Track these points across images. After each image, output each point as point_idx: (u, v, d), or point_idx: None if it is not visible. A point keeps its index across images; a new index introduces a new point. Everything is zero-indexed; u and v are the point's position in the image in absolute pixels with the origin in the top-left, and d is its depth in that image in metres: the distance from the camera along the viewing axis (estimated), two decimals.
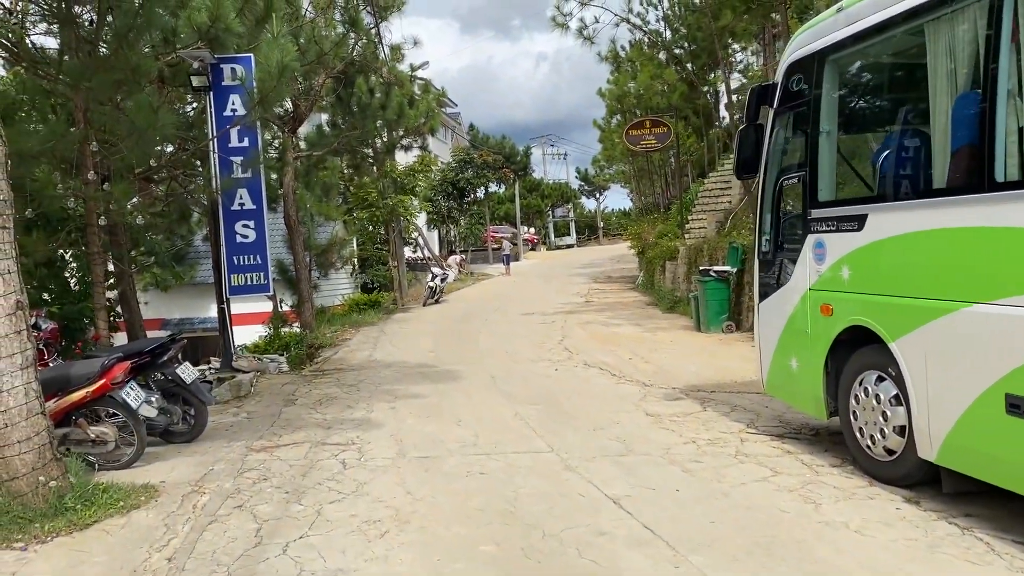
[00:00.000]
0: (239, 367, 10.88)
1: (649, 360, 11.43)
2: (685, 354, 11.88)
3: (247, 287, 11.09)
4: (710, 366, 10.68)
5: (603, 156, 39.62)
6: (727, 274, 14.18)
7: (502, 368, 11.36)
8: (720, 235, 18.20)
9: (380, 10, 18.09)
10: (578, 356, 12.17)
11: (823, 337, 6.02)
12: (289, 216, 16.82)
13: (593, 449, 6.71)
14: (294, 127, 16.97)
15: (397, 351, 13.96)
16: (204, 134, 11.13)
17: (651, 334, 14.51)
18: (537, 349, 13.26)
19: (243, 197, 11.03)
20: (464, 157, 39.78)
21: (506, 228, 56.46)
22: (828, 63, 6.01)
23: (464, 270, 35.17)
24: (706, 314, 14.27)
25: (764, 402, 8.34)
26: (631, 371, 10.56)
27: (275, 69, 9.72)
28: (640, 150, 24.39)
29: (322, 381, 10.75)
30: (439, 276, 25.17)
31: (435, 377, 10.75)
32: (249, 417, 8.55)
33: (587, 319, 17.58)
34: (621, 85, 31.30)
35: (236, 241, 11.05)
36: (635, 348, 12.66)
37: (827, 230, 5.94)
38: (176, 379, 7.18)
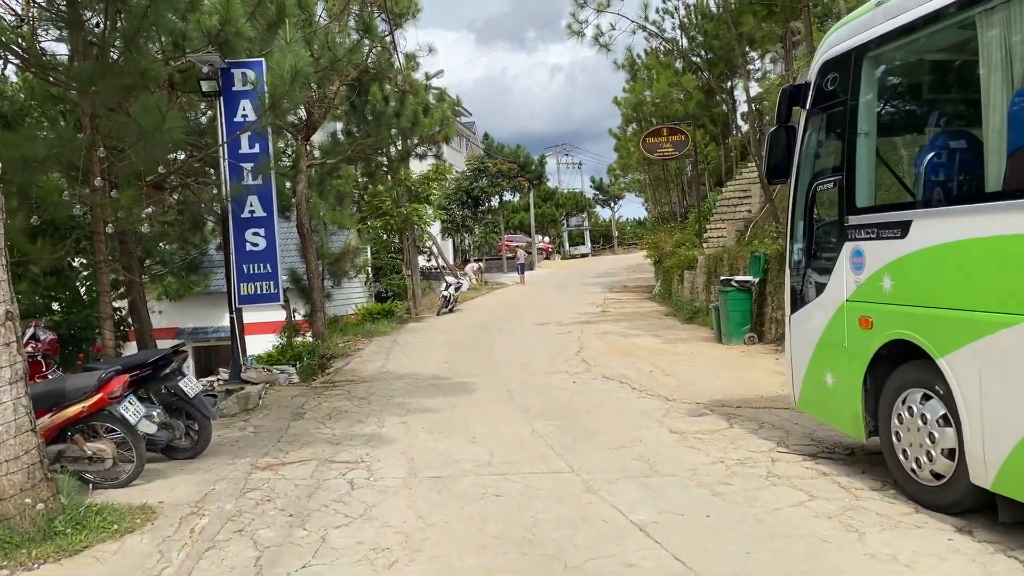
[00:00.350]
0: (248, 378, 10.59)
1: (670, 373, 11.05)
2: (707, 367, 11.48)
3: (257, 296, 10.81)
4: (734, 380, 10.29)
5: (618, 165, 39.26)
6: (749, 284, 13.78)
7: (518, 380, 11.01)
8: (740, 244, 17.80)
9: (395, 17, 17.86)
10: (596, 368, 11.81)
11: (862, 352, 5.64)
12: (302, 224, 16.58)
13: (615, 469, 6.34)
14: (307, 135, 16.74)
15: (410, 362, 13.64)
16: (215, 141, 10.89)
17: (671, 345, 14.12)
18: (553, 361, 12.90)
19: (253, 204, 10.76)
20: (478, 166, 39.55)
21: (520, 237, 56.18)
22: (866, 60, 5.64)
23: (480, 278, 34.86)
24: (727, 325, 13.88)
25: (793, 419, 7.95)
26: (652, 384, 10.18)
27: (287, 74, 9.44)
28: (657, 158, 24.03)
29: (332, 393, 10.44)
30: (453, 285, 24.87)
31: (449, 390, 10.41)
32: (256, 432, 8.24)
33: (604, 329, 17.21)
34: (637, 93, 30.98)
35: (246, 249, 10.78)
36: (655, 360, 12.28)
37: (866, 237, 5.57)
38: (179, 393, 6.89)
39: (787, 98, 6.55)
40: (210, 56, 10.14)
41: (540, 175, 49.08)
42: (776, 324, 13.40)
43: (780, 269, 13.13)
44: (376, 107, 18.89)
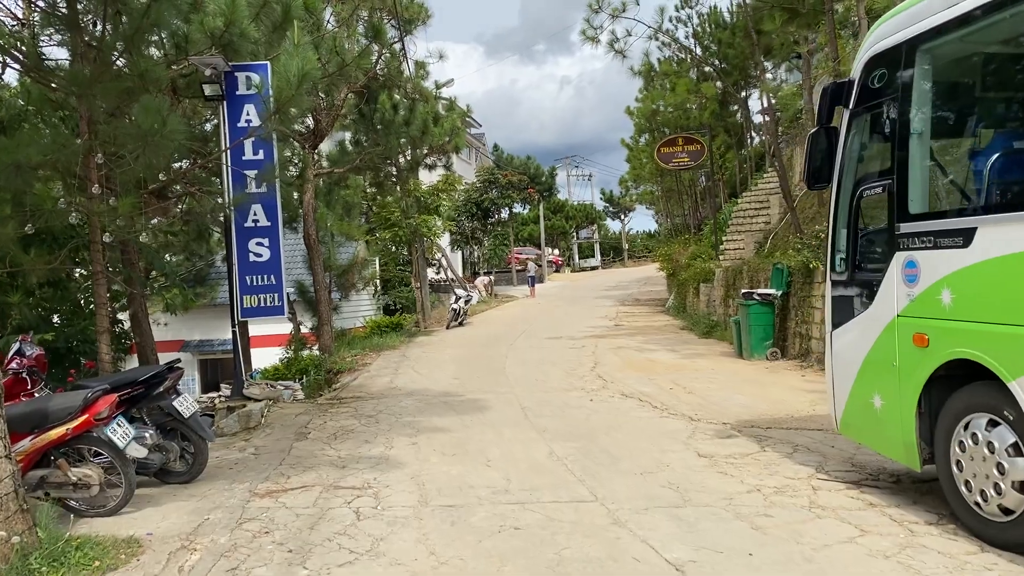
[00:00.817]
0: (251, 395, 10.13)
1: (692, 390, 10.54)
2: (730, 384, 10.97)
3: (260, 309, 10.37)
4: (760, 398, 9.77)
5: (630, 176, 38.80)
6: (771, 297, 13.27)
7: (532, 398, 10.52)
8: (759, 256, 17.30)
9: (404, 23, 17.51)
10: (614, 385, 11.30)
11: (916, 372, 5.14)
12: (309, 235, 16.17)
13: (643, 497, 5.84)
14: (315, 143, 16.37)
15: (419, 377, 13.16)
16: (220, 148, 10.49)
17: (689, 361, 13.61)
18: (569, 377, 12.41)
19: (257, 214, 10.33)
20: (488, 177, 39.18)
21: (530, 249, 55.75)
22: (920, 53, 5.17)
23: (490, 291, 34.40)
24: (749, 340, 13.36)
25: (828, 441, 7.44)
26: (674, 403, 9.68)
27: (294, 78, 9.03)
28: (673, 168, 23.57)
29: (338, 411, 9.97)
30: (463, 298, 24.41)
31: (460, 408, 9.92)
32: (256, 453, 7.76)
33: (619, 344, 16.71)
34: (650, 103, 30.57)
35: (249, 260, 10.34)
36: (675, 377, 11.77)
37: (921, 247, 5.08)
38: (173, 412, 6.42)
39: (829, 97, 6.07)
40: (213, 58, 9.75)
41: (550, 187, 48.68)
42: (800, 339, 12.89)
43: (804, 282, 12.65)
44: (385, 115, 18.52)
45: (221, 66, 9.98)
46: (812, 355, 12.30)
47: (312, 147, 16.31)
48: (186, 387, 25.77)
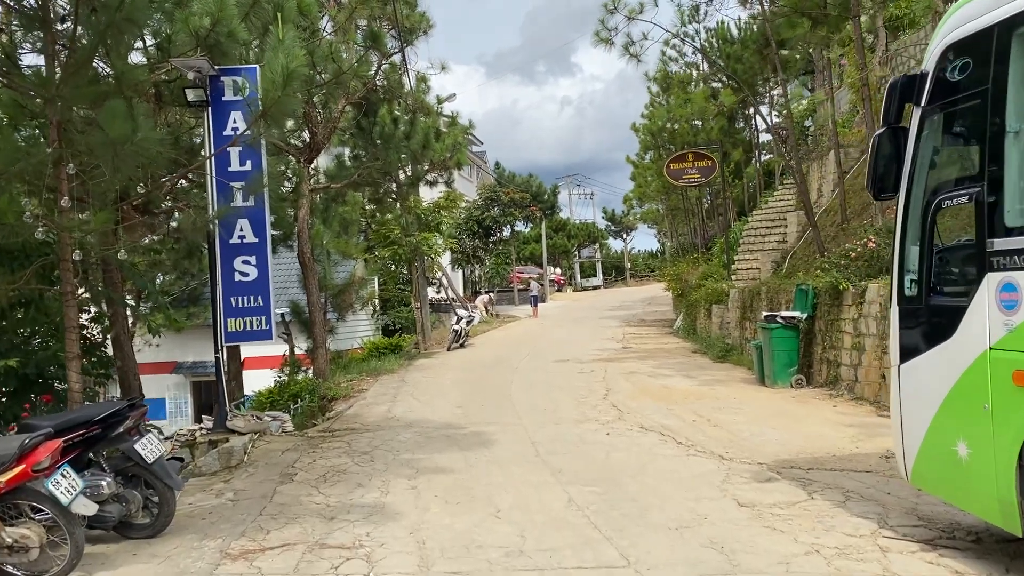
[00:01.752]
0: (235, 428, 9.23)
1: (717, 423, 9.65)
2: (758, 416, 10.08)
3: (246, 333, 9.50)
4: (795, 433, 8.87)
5: (635, 194, 38.02)
6: (796, 320, 12.40)
7: (543, 430, 9.63)
8: (778, 276, 16.46)
9: (405, 33, 16.77)
10: (630, 416, 10.41)
11: (1016, 416, 4.27)
12: (303, 253, 15.34)
13: (684, 562, 4.95)
14: (310, 157, 15.57)
15: (419, 406, 12.27)
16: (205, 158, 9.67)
17: (708, 388, 12.72)
18: (580, 406, 11.52)
19: (243, 229, 9.49)
20: (490, 194, 38.44)
21: (532, 268, 54.91)
22: (1017, 38, 4.35)
23: (491, 311, 33.53)
24: (772, 366, 12.48)
25: (882, 486, 6.57)
26: (699, 438, 8.78)
27: (280, 77, 8.22)
28: (683, 185, 22.79)
29: (330, 446, 9.06)
30: (464, 319, 23.54)
31: (464, 442, 9.03)
32: (235, 499, 6.86)
33: (630, 368, 15.82)
34: (657, 120, 29.84)
35: (234, 280, 9.48)
36: (695, 407, 10.89)
37: (1023, 267, 4.23)
38: (135, 457, 5.54)
39: (897, 93, 5.23)
40: (197, 61, 8.95)
41: (553, 205, 47.97)
42: (827, 366, 12.01)
43: (832, 304, 11.79)
44: (385, 129, 17.73)
45: (206, 69, 9.18)
46: (842, 383, 11.43)
47: (308, 161, 15.51)
48: (179, 411, 24.84)
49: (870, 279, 11.05)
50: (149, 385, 28.04)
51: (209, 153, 9.18)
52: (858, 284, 11.07)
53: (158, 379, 28.08)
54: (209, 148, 9.33)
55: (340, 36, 13.62)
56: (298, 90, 8.53)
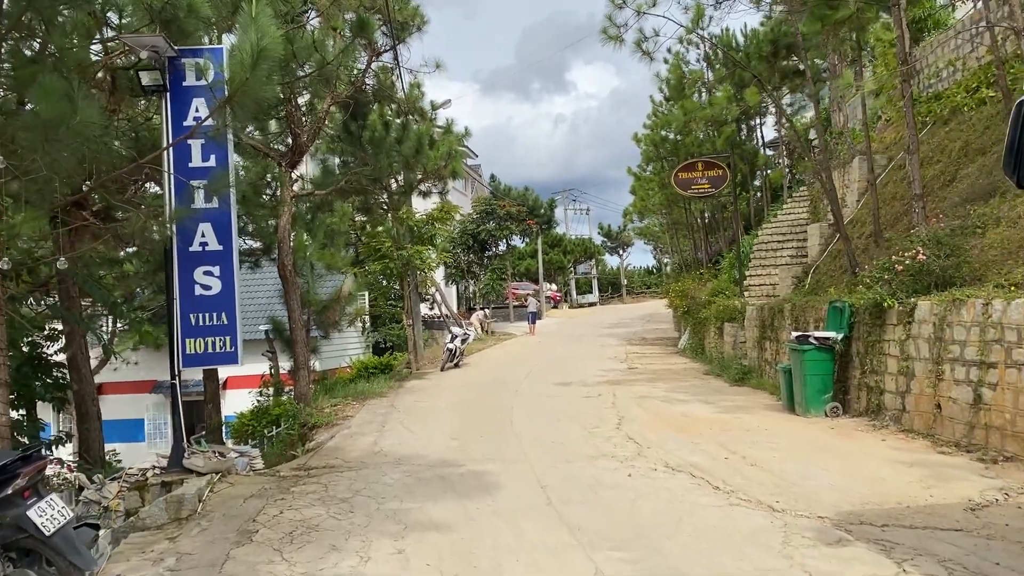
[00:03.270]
0: (193, 467, 7.88)
1: (754, 461, 8.33)
2: (799, 452, 8.76)
3: (208, 356, 8.17)
4: (850, 475, 7.55)
5: (635, 208, 36.79)
6: (831, 342, 11.12)
7: (553, 470, 8.29)
8: (800, 292, 15.20)
9: (397, 28, 15.53)
10: (651, 451, 9.09)
11: None
12: (284, 265, 14.00)
13: None
14: (293, 161, 14.27)
15: (410, 437, 10.91)
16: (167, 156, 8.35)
17: (732, 417, 11.40)
18: (592, 437, 10.20)
19: (205, 235, 8.19)
20: (486, 207, 37.19)
21: (527, 284, 53.61)
22: None
23: (486, 328, 32.19)
24: (803, 392, 11.18)
25: (984, 552, 5.30)
26: (738, 481, 7.47)
27: (248, 56, 6.95)
28: (692, 195, 21.55)
29: (304, 490, 7.69)
30: (459, 336, 22.18)
31: (462, 486, 7.68)
32: (175, 570, 5.49)
33: (640, 392, 14.51)
34: (658, 130, 28.66)
35: (195, 294, 8.17)
36: (723, 439, 9.57)
37: None
38: (28, 527, 4.19)
39: None
40: (151, 38, 7.69)
41: (549, 219, 46.71)
42: (867, 392, 10.71)
43: (874, 324, 10.50)
44: (375, 133, 16.47)
45: (163, 49, 7.91)
46: (886, 412, 10.13)
47: (290, 165, 14.21)
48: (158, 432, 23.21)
49: (919, 295, 9.80)
50: (127, 405, 26.71)
51: (166, 143, 7.88)
52: (906, 301, 9.80)
53: (136, 399, 26.64)
54: (167, 138, 8.05)
55: (325, 24, 12.35)
56: (271, 72, 7.25)
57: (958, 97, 13.89)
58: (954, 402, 8.74)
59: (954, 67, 15.53)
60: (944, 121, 14.07)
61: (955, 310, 8.80)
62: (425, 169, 19.04)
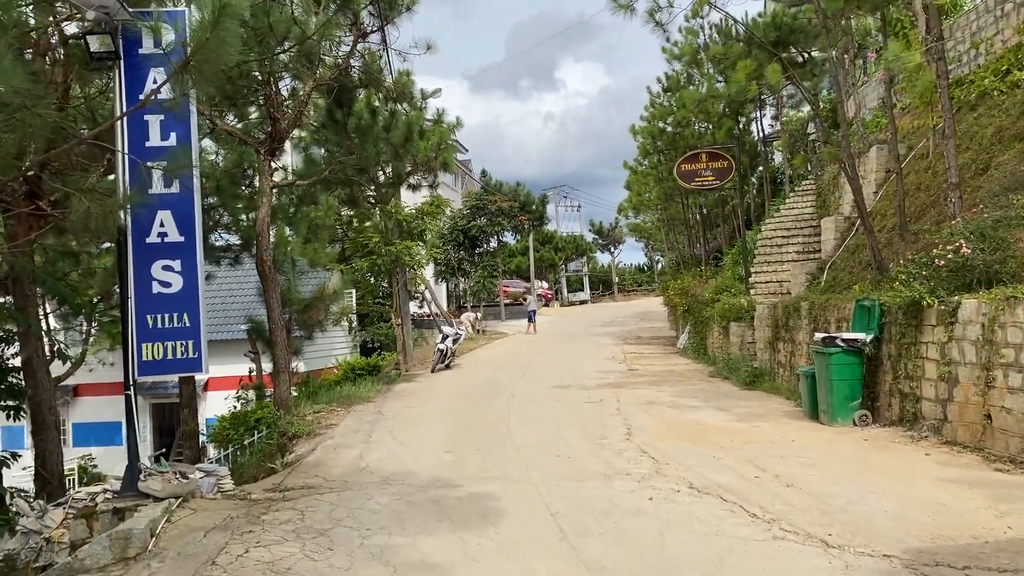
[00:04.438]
0: (149, 491, 6.84)
1: (789, 480, 7.36)
2: (836, 468, 7.81)
3: (167, 363, 7.13)
4: (903, 498, 6.59)
5: (630, 203, 35.80)
6: (860, 344, 10.18)
7: (561, 490, 7.30)
8: (814, 290, 14.26)
9: (385, 7, 14.48)
10: (670, 468, 8.12)
11: None
12: (262, 261, 12.96)
13: None
14: (272, 148, 13.21)
15: (399, 449, 9.89)
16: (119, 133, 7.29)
17: (750, 426, 10.45)
18: (601, 450, 9.22)
19: (165, 224, 7.15)
20: (477, 203, 36.16)
21: (518, 282, 52.64)
22: None
23: (479, 327, 31.17)
24: (830, 399, 10.24)
25: None
26: (778, 506, 6.50)
27: (209, 13, 5.92)
28: (695, 188, 20.60)
29: (276, 519, 6.65)
30: (450, 337, 21.16)
31: (460, 514, 6.67)
32: None
33: (645, 397, 13.54)
34: (655, 122, 27.73)
35: (152, 291, 7.13)
36: (748, 454, 8.61)
37: None
38: None
39: None
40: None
41: (541, 215, 45.67)
42: (901, 400, 9.77)
43: (910, 325, 9.54)
44: (362, 120, 15.43)
45: (114, 10, 6.87)
46: (923, 422, 9.18)
47: (269, 153, 13.16)
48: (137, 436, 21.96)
49: (961, 292, 8.87)
50: (104, 407, 25.50)
51: (119, 113, 6.83)
52: (948, 300, 8.86)
53: (114, 401, 25.36)
54: (120, 106, 6.99)
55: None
56: (236, 34, 6.22)
57: (986, 81, 12.98)
58: (1008, 413, 7.80)
59: (977, 50, 14.63)
60: (971, 107, 13.16)
61: (1009, 309, 7.85)
62: (415, 160, 18.01)
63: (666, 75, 27.18)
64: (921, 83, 12.24)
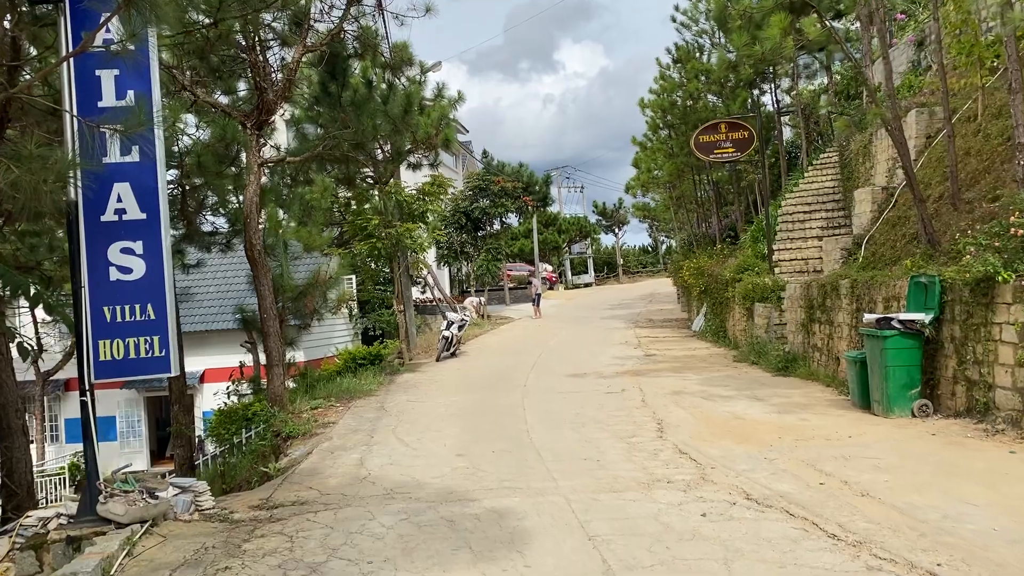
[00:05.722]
0: (110, 515, 5.75)
1: (864, 488, 6.26)
2: (916, 472, 6.70)
3: (129, 364, 6.03)
4: (1015, 512, 5.50)
5: (638, 181, 34.52)
6: (919, 325, 9.07)
7: (596, 506, 6.22)
8: (851, 266, 13.13)
9: None
10: (717, 472, 7.03)
11: None
12: (251, 245, 11.85)
13: None
14: (259, 121, 12.07)
15: (405, 453, 8.81)
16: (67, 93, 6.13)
17: (797, 419, 9.36)
18: (632, 451, 8.14)
19: (123, 199, 6.03)
20: (479, 183, 34.92)
21: (521, 265, 51.51)
22: None
23: (482, 313, 30.08)
24: (885, 387, 9.14)
25: None
26: (860, 523, 5.41)
27: None
28: (714, 160, 19.42)
29: (261, 548, 5.57)
30: (456, 323, 20.07)
31: (479, 538, 5.58)
32: None
33: (670, 385, 12.46)
34: (666, 96, 26.44)
35: (109, 279, 6.02)
36: (805, 454, 7.51)
37: None
38: None
39: None
40: None
41: (545, 196, 44.36)
42: (967, 387, 8.66)
43: (977, 303, 8.39)
44: (357, 92, 14.29)
45: None
46: (997, 413, 8.08)
47: (256, 127, 12.01)
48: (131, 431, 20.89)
49: None
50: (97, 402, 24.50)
51: (64, 54, 5.68)
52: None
53: (107, 395, 24.36)
54: (65, 47, 5.84)
55: None
56: None
57: None
58: None
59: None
60: None
61: None
62: (415, 137, 16.86)
63: (676, 45, 25.93)
64: (968, 37, 11.07)
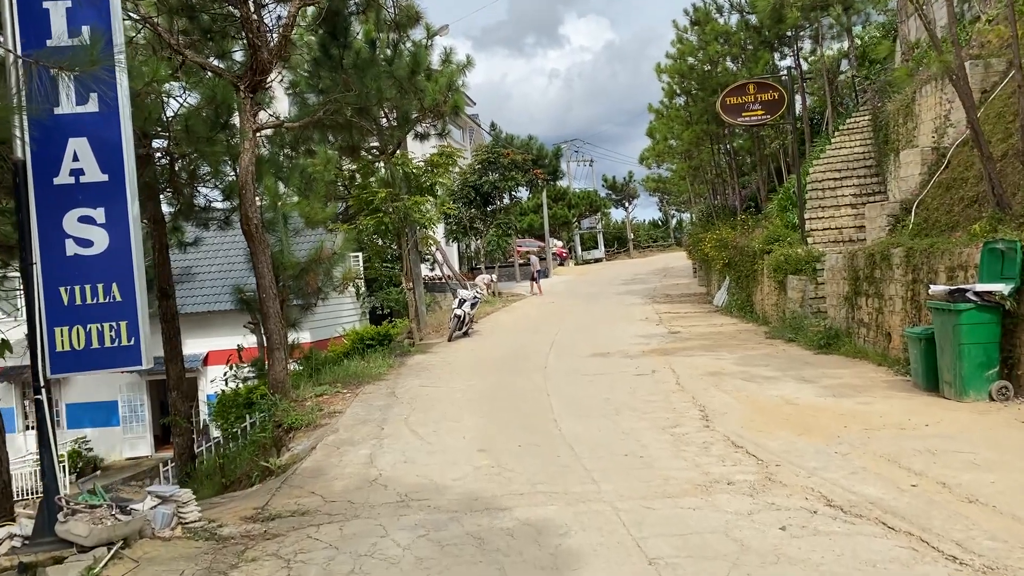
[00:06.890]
0: (71, 536, 4.79)
1: (969, 493, 5.26)
2: (1015, 468, 5.70)
3: (91, 354, 5.04)
4: None
5: (653, 151, 33.31)
6: (997, 297, 8.03)
7: (651, 517, 5.23)
8: (900, 233, 12.04)
9: None
10: (783, 471, 6.03)
11: None
12: (248, 218, 10.85)
13: None
14: (253, 83, 11.00)
15: (420, 448, 7.84)
16: None
17: (858, 404, 8.35)
18: (679, 444, 7.15)
19: (80, 157, 5.01)
20: (488, 156, 33.77)
21: (531, 241, 50.40)
22: None
23: (493, 290, 29.07)
24: (959, 367, 8.11)
25: None
26: (981, 541, 4.42)
27: None
28: (743, 124, 18.28)
29: (251, 575, 4.62)
30: (468, 301, 19.06)
31: (514, 563, 4.58)
32: None
33: (704, 366, 11.47)
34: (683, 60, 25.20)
35: (65, 253, 5.02)
36: (881, 448, 6.51)
37: None
38: None
39: None
40: None
41: (555, 169, 43.18)
42: None
43: None
44: (361, 53, 13.20)
45: None
46: None
47: (250, 89, 10.95)
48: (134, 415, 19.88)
49: None
50: (99, 386, 23.55)
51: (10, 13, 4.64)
52: None
53: (108, 378, 23.53)
54: None
55: None
56: None
57: None
58: None
59: None
60: None
61: None
62: (422, 104, 15.77)
63: (693, 6, 24.67)
64: None
